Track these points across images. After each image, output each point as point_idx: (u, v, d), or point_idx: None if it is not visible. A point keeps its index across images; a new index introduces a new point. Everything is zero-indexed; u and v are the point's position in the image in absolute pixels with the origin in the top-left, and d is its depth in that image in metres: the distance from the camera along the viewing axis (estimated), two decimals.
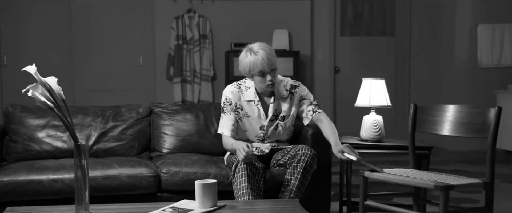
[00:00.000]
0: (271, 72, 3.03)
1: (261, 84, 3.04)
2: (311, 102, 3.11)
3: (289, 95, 3.14)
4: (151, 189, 2.92)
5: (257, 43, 3.10)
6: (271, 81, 3.02)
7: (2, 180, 2.77)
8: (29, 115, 3.30)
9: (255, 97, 3.10)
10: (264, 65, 2.99)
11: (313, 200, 3.15)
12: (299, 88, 3.18)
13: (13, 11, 6.44)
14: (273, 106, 3.11)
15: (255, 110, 3.09)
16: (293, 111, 3.12)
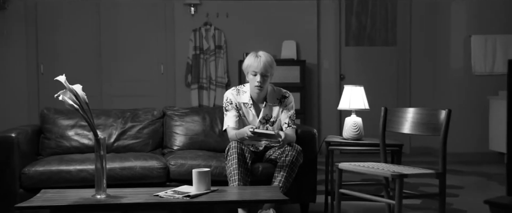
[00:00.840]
0: (263, 76, 3.44)
1: (251, 82, 3.47)
2: (290, 116, 3.49)
3: (278, 103, 3.56)
4: (161, 178, 3.35)
5: (264, 52, 3.54)
6: (259, 83, 3.43)
7: (38, 170, 3.26)
8: (61, 117, 3.77)
9: (249, 101, 3.52)
10: (260, 67, 3.42)
11: (301, 190, 3.53)
12: (287, 99, 3.58)
13: (49, 26, 6.77)
14: (264, 110, 3.52)
15: (249, 112, 3.52)
16: (280, 117, 3.53)
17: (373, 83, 6.99)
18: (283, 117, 3.51)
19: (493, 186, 4.88)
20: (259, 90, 3.46)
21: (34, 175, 3.22)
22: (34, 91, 6.76)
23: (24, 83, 6.77)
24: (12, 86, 6.75)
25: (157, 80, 6.94)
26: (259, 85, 3.44)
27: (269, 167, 3.41)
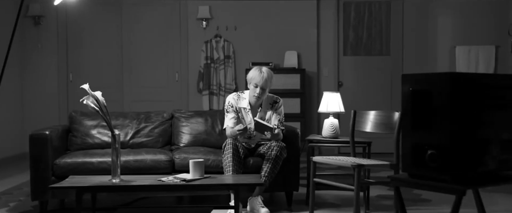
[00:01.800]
0: (262, 89, 3.94)
1: (252, 92, 3.97)
2: (279, 119, 3.97)
3: (271, 107, 4.06)
4: (167, 169, 3.87)
5: (267, 69, 3.99)
6: (258, 94, 3.93)
7: (67, 161, 3.81)
8: (86, 118, 4.31)
9: (247, 106, 4.04)
10: (261, 82, 3.91)
11: (286, 181, 3.99)
12: (278, 104, 4.06)
13: (77, 40, 7.18)
14: (259, 114, 4.03)
15: (247, 116, 4.03)
16: (271, 119, 4.04)
17: (369, 89, 7.36)
18: (274, 119, 4.00)
19: None
20: (257, 99, 3.98)
21: (63, 166, 3.78)
22: (64, 96, 7.19)
23: (55, 89, 7.19)
24: (45, 91, 7.18)
25: (172, 86, 7.29)
26: (258, 96, 3.94)
27: (259, 160, 3.91)
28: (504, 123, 2.05)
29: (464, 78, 1.98)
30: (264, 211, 3.75)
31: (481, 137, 2.00)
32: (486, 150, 2.01)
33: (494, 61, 6.87)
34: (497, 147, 2.03)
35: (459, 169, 1.95)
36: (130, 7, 7.26)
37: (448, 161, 1.95)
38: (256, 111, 4.03)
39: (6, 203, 4.11)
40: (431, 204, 4.13)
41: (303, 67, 7.21)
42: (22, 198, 4.32)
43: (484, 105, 2.00)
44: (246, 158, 3.92)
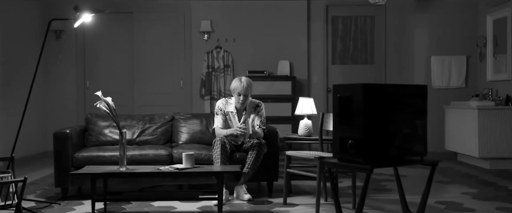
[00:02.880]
0: (244, 96, 4.59)
1: (236, 99, 4.61)
2: (261, 120, 4.57)
3: (254, 111, 4.71)
4: (166, 162, 4.51)
5: (246, 78, 4.60)
6: (241, 101, 4.58)
7: (84, 155, 4.49)
8: (100, 120, 4.99)
9: (234, 110, 4.69)
10: (243, 90, 4.56)
11: (268, 172, 4.59)
12: (260, 107, 4.68)
13: (94, 51, 7.69)
14: (244, 117, 4.68)
15: (233, 118, 4.68)
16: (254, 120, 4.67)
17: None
18: (256, 120, 4.65)
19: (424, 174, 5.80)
20: (241, 105, 4.63)
21: (81, 158, 4.46)
22: (82, 100, 7.72)
23: (74, 95, 7.73)
24: (65, 96, 7.72)
25: (177, 92, 7.81)
26: (242, 102, 4.58)
27: (243, 155, 4.54)
28: (404, 120, 2.68)
29: (373, 87, 2.63)
30: (247, 197, 4.40)
31: (387, 131, 2.64)
32: (391, 141, 2.65)
33: (465, 69, 7.30)
34: (399, 138, 2.67)
35: (370, 154, 2.60)
36: (139, 22, 7.79)
37: (362, 148, 2.59)
38: (241, 114, 4.67)
39: (34, 190, 4.81)
40: (393, 192, 4.75)
41: (295, 75, 7.69)
42: (46, 187, 5.01)
43: (389, 107, 2.64)
44: (233, 153, 4.55)
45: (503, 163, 6.16)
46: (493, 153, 6.13)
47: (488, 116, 6.13)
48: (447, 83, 7.38)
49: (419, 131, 2.77)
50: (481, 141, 6.13)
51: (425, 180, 5.35)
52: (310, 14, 7.82)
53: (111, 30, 7.75)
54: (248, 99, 4.63)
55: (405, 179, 5.54)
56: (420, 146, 2.79)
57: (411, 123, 2.73)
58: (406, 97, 2.72)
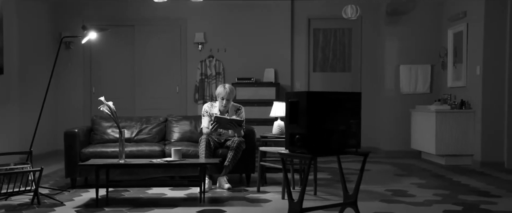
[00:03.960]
0: (227, 100, 5.23)
1: (220, 103, 5.26)
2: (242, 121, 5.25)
3: (235, 113, 5.35)
4: (159, 157, 5.11)
5: (229, 85, 5.22)
6: (224, 104, 5.23)
7: (90, 150, 5.13)
8: (103, 121, 5.63)
9: (218, 112, 5.34)
10: (225, 95, 5.21)
11: (246, 165, 5.21)
12: (240, 110, 5.32)
13: (99, 60, 8.26)
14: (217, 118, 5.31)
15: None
16: None
17: None
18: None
19: (392, 170, 6.41)
20: (224, 108, 5.27)
21: (87, 153, 5.11)
22: (88, 104, 8.29)
23: (81, 99, 8.31)
24: (74, 101, 8.29)
25: (174, 97, 8.37)
26: (225, 105, 5.23)
27: (225, 151, 5.16)
28: (340, 120, 3.32)
29: (315, 94, 3.28)
30: (227, 186, 5.04)
31: (326, 128, 3.28)
32: (329, 136, 3.29)
33: (429, 77, 7.84)
34: (337, 134, 3.31)
35: (312, 146, 3.24)
36: (140, 34, 8.37)
37: (306, 142, 3.24)
38: (224, 115, 5.31)
39: (47, 181, 5.45)
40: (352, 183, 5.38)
41: (279, 81, 8.27)
42: (58, 178, 5.66)
43: (328, 109, 3.28)
44: (216, 149, 5.19)
45: (456, 159, 6.80)
46: (448, 151, 6.78)
47: (444, 119, 6.77)
48: (413, 89, 7.90)
49: (353, 129, 3.42)
50: (438, 140, 6.77)
51: (382, 173, 6.01)
52: (294, 26, 8.40)
53: (115, 41, 8.31)
54: (230, 103, 5.27)
55: (368, 172, 6.17)
56: (354, 140, 3.44)
57: (346, 122, 3.38)
58: (342, 102, 3.37)
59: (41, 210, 4.05)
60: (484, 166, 6.50)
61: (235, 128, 5.08)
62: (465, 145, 6.78)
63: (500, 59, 6.49)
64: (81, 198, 4.55)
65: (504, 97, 6.47)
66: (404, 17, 7.92)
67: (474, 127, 6.73)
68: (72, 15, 8.28)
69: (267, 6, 8.32)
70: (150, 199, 4.50)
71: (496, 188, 5.01)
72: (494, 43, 6.49)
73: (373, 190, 4.95)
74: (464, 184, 5.28)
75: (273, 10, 8.34)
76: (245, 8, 8.33)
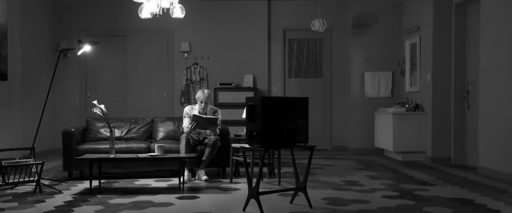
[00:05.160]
0: (204, 104, 5.84)
1: (199, 106, 5.87)
2: (217, 123, 5.83)
3: (212, 115, 5.95)
4: (145, 152, 5.75)
5: (207, 90, 5.83)
6: (203, 107, 5.84)
7: (85, 147, 5.71)
8: (97, 121, 6.20)
9: (197, 113, 5.95)
10: (204, 99, 5.81)
11: (221, 160, 5.83)
12: (217, 112, 5.94)
13: (94, 67, 8.74)
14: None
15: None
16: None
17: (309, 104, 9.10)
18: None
19: (353, 165, 6.98)
20: (202, 110, 5.87)
21: (82, 149, 5.68)
22: (83, 107, 8.79)
23: (77, 102, 8.82)
24: (71, 104, 8.81)
25: (162, 100, 8.88)
26: (203, 108, 5.83)
27: (203, 148, 5.76)
28: (290, 120, 3.94)
29: (268, 99, 3.90)
30: (204, 178, 5.64)
31: (277, 126, 3.90)
32: (280, 133, 3.91)
33: (391, 83, 8.48)
34: (286, 131, 3.93)
35: (265, 141, 3.86)
36: (131, 44, 8.89)
37: (261, 138, 3.86)
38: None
39: (47, 174, 6.01)
40: (315, 176, 6.01)
41: (257, 86, 8.83)
42: (56, 172, 6.23)
43: (279, 111, 3.91)
44: (195, 146, 5.78)
45: (411, 155, 7.46)
46: (404, 148, 7.42)
47: (400, 120, 7.42)
48: (377, 94, 8.52)
49: (301, 127, 4.05)
50: (395, 139, 7.41)
51: (344, 167, 6.64)
52: (270, 37, 8.99)
53: (108, 50, 8.78)
54: (208, 106, 5.88)
55: (332, 167, 6.80)
56: (302, 136, 4.06)
57: (295, 122, 4.01)
58: (291, 105, 4.00)
59: (43, 197, 4.63)
60: (434, 161, 7.15)
61: (211, 126, 5.68)
62: (418, 143, 7.42)
63: (447, 67, 7.15)
64: (77, 188, 5.13)
65: (450, 100, 7.13)
66: (368, 30, 8.54)
67: (426, 127, 7.38)
68: (69, 26, 8.83)
69: (246, 18, 8.91)
70: (137, 189, 5.09)
71: (435, 179, 5.65)
72: (441, 53, 7.15)
73: (331, 181, 5.56)
74: (410, 176, 5.91)
75: (252, 22, 8.93)
76: (227, 20, 8.91)
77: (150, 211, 4.03)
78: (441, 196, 4.59)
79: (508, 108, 5.46)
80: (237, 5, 8.94)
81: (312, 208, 4.09)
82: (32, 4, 8.07)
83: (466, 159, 6.88)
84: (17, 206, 4.21)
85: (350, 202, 4.34)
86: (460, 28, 6.98)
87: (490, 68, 5.87)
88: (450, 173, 6.12)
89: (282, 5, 8.99)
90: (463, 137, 6.97)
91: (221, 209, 4.08)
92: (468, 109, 6.86)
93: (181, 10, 5.60)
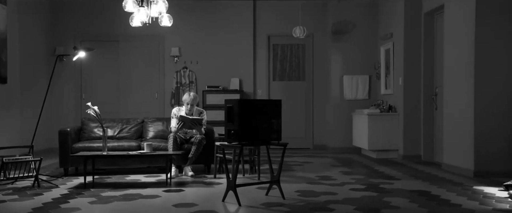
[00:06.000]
0: (191, 105, 6.18)
1: (185, 107, 6.22)
2: (202, 123, 6.18)
3: (198, 116, 6.29)
4: (136, 150, 6.12)
5: (193, 92, 6.18)
6: (189, 108, 6.20)
7: (80, 145, 6.03)
8: (91, 122, 6.53)
9: (184, 114, 6.29)
10: (190, 101, 6.15)
11: (206, 157, 6.19)
12: (203, 113, 6.29)
13: (89, 70, 9.00)
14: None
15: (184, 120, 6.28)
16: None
17: (291, 103, 9.34)
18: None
19: (331, 162, 7.32)
20: (189, 111, 6.22)
21: (77, 148, 5.99)
22: (78, 108, 9.03)
23: (73, 104, 9.07)
24: (67, 105, 9.06)
25: (153, 102, 9.15)
26: (189, 109, 6.18)
27: (190, 146, 6.11)
28: (264, 120, 4.30)
29: (245, 101, 4.26)
30: (191, 174, 5.98)
31: (253, 125, 4.27)
32: (255, 131, 4.28)
33: (368, 86, 8.85)
34: (261, 130, 4.30)
35: (242, 139, 4.22)
36: (124, 48, 9.16)
37: (238, 136, 4.22)
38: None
39: (44, 171, 6.34)
40: (293, 171, 6.38)
41: (243, 89, 9.14)
42: (53, 169, 6.56)
43: (254, 112, 4.27)
44: (182, 145, 6.12)
45: (385, 153, 7.84)
46: (378, 147, 7.81)
47: (375, 120, 7.81)
48: (355, 96, 8.87)
49: (274, 126, 4.41)
50: (370, 138, 7.80)
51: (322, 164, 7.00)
52: (256, 42, 9.32)
53: (102, 54, 9.02)
54: (194, 107, 6.22)
55: (310, 164, 7.17)
56: (276, 135, 4.42)
57: (269, 121, 4.37)
58: (266, 107, 4.36)
59: (41, 190, 4.96)
60: (406, 158, 7.55)
61: (196, 126, 6.03)
62: (391, 142, 7.82)
63: (417, 72, 7.55)
64: (72, 183, 5.46)
65: (420, 102, 7.52)
66: (346, 36, 8.89)
67: (398, 127, 7.78)
68: (65, 32, 9.13)
69: (233, 25, 9.24)
70: (127, 183, 5.43)
71: (402, 174, 6.04)
72: (412, 59, 7.55)
73: (306, 176, 5.92)
74: (380, 172, 6.30)
75: (238, 29, 9.25)
76: (215, 26, 9.23)
77: (138, 202, 4.38)
78: (403, 189, 4.97)
79: (467, 109, 5.86)
80: (224, 13, 9.26)
81: (284, 199, 4.45)
82: (30, 12, 8.38)
83: (434, 156, 7.28)
84: (17, 199, 4.53)
85: (320, 194, 4.71)
86: (429, 36, 7.38)
87: (452, 73, 6.27)
88: (417, 169, 6.51)
89: (267, 13, 9.33)
90: (431, 136, 7.36)
91: (203, 201, 4.43)
92: (436, 110, 7.26)
93: (168, 19, 5.95)
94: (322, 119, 9.33)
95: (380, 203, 4.27)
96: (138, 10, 5.70)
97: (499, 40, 5.69)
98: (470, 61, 5.78)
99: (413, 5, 7.51)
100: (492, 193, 4.68)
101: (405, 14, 7.55)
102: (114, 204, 4.26)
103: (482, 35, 5.66)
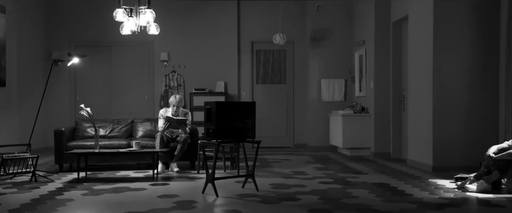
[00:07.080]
0: (176, 107, 6.54)
1: (172, 109, 6.58)
2: (187, 123, 6.53)
3: (183, 116, 6.65)
4: (126, 148, 6.47)
5: (179, 95, 6.51)
6: (175, 110, 6.55)
7: (74, 144, 6.35)
8: (84, 122, 6.85)
9: (171, 115, 6.65)
10: (176, 103, 6.51)
11: (192, 154, 6.55)
12: (187, 114, 6.67)
13: (83, 73, 9.28)
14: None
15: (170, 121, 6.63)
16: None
17: (273, 105, 9.71)
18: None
19: (307, 159, 7.69)
20: (175, 112, 6.58)
21: (71, 146, 6.31)
22: (73, 109, 9.32)
23: (67, 105, 9.37)
24: (62, 106, 9.35)
25: (144, 104, 9.47)
26: (175, 111, 6.53)
27: (176, 144, 6.47)
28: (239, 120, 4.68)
29: (222, 103, 4.64)
30: (176, 170, 6.33)
31: (229, 125, 4.64)
32: (231, 130, 4.65)
33: (344, 88, 9.20)
34: (237, 129, 4.68)
35: (219, 137, 4.60)
36: (117, 53, 9.46)
37: (215, 134, 4.59)
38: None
39: (41, 167, 6.66)
40: (270, 167, 6.76)
41: (228, 91, 9.48)
42: (48, 166, 6.88)
43: (230, 113, 4.64)
44: (169, 143, 6.48)
45: (358, 151, 8.25)
46: (352, 145, 8.22)
47: (348, 121, 8.21)
48: (331, 98, 9.24)
49: (249, 125, 4.79)
50: (344, 137, 8.20)
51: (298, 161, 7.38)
52: (240, 48, 9.66)
53: (96, 59, 9.32)
54: (180, 108, 6.59)
55: (288, 161, 7.56)
56: (250, 133, 4.80)
57: (243, 121, 4.76)
58: (240, 108, 4.74)
59: (38, 184, 5.29)
60: (376, 156, 7.96)
61: (181, 126, 6.39)
62: (364, 140, 8.23)
63: (386, 76, 7.97)
64: (67, 178, 5.79)
65: (390, 104, 7.94)
66: (323, 42, 9.26)
67: (370, 126, 8.19)
68: (60, 38, 9.44)
69: (219, 31, 9.59)
70: (117, 178, 5.77)
71: (369, 169, 6.44)
72: (382, 64, 7.97)
73: (282, 171, 6.30)
74: (351, 167, 6.69)
75: (223, 35, 9.60)
76: (201, 33, 9.57)
77: (127, 194, 4.73)
78: (367, 182, 5.37)
79: (426, 111, 6.28)
80: (211, 20, 9.60)
81: (258, 191, 4.83)
82: (28, 20, 8.70)
83: (402, 153, 7.69)
84: (16, 192, 4.87)
85: (291, 187, 5.09)
86: (397, 43, 7.80)
87: (414, 78, 6.70)
88: (384, 165, 6.92)
89: (250, 20, 9.69)
90: (400, 135, 7.78)
91: (185, 192, 4.79)
92: (404, 111, 7.68)
93: (156, 28, 6.31)
94: (302, 120, 9.71)
95: (343, 194, 4.66)
96: (127, 20, 6.04)
97: (455, 48, 6.11)
98: (429, 67, 6.20)
99: (383, 15, 7.93)
100: (443, 184, 5.09)
101: (376, 23, 7.96)
102: (105, 196, 4.61)
103: (439, 43, 6.08)
